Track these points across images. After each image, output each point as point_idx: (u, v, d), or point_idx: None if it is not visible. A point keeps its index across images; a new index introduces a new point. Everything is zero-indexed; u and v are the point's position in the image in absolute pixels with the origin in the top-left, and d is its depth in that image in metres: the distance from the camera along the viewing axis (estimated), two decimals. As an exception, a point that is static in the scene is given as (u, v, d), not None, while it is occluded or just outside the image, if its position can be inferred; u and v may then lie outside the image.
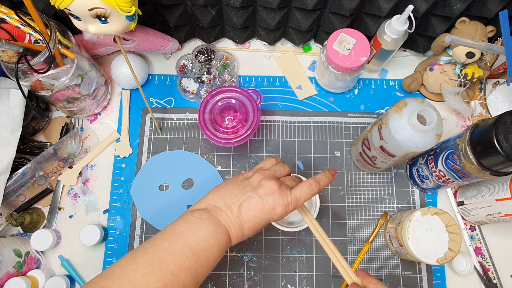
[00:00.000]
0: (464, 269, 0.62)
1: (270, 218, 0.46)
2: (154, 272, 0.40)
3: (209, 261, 0.43)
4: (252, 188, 0.47)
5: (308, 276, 0.65)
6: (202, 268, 0.43)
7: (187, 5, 0.66)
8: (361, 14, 0.67)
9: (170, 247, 0.42)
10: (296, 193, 0.47)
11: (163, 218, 0.67)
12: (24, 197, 0.66)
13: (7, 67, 0.55)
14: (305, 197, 0.47)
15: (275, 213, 0.46)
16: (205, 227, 0.44)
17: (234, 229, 0.46)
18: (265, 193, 0.46)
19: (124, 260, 0.41)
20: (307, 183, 0.48)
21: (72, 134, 0.68)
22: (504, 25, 0.57)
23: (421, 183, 0.66)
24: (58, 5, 0.48)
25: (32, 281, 0.60)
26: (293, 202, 0.46)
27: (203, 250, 0.43)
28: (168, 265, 0.40)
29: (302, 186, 0.48)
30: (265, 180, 0.47)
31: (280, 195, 0.46)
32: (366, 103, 0.74)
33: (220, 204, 0.47)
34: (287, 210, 0.46)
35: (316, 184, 0.48)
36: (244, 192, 0.47)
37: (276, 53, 0.78)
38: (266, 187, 0.46)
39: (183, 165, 0.70)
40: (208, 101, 0.64)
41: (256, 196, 0.46)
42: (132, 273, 0.39)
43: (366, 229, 0.67)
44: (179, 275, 0.41)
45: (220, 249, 0.44)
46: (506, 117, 0.47)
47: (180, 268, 0.41)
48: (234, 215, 0.46)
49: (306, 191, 0.47)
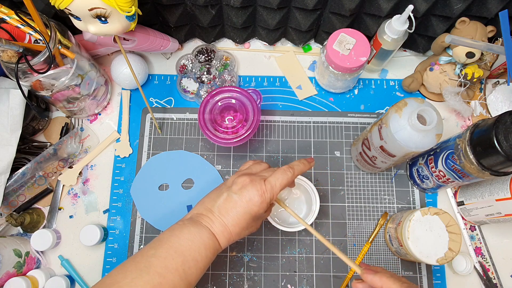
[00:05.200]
0: (464, 269, 0.62)
1: (251, 210, 0.47)
2: (142, 276, 0.41)
3: (197, 261, 0.45)
4: (227, 188, 0.49)
5: (308, 276, 0.65)
6: (191, 268, 0.44)
7: (187, 5, 0.66)
8: (361, 14, 0.67)
9: (156, 253, 0.44)
10: (271, 181, 0.48)
11: (163, 218, 0.67)
12: (24, 197, 0.66)
13: (7, 67, 0.55)
14: (280, 183, 0.48)
15: (254, 204, 0.47)
16: (187, 229, 0.46)
17: (218, 228, 0.47)
18: (238, 188, 0.48)
19: (114, 271, 0.44)
20: (281, 169, 0.49)
21: (72, 134, 0.68)
22: (504, 25, 0.57)
23: (421, 183, 0.66)
24: (58, 5, 0.48)
25: (32, 281, 0.60)
26: (269, 190, 0.47)
27: (188, 250, 0.44)
28: (155, 268, 0.42)
29: (275, 173, 0.49)
30: (238, 177, 0.49)
31: (252, 186, 0.47)
32: (366, 103, 0.74)
33: (201, 210, 0.49)
34: (264, 198, 0.47)
35: (290, 169, 0.49)
36: (221, 194, 0.49)
37: (276, 53, 0.78)
38: (238, 183, 0.48)
39: (183, 165, 0.70)
40: (208, 101, 0.64)
41: (232, 194, 0.48)
42: (122, 280, 0.41)
43: (366, 229, 0.67)
44: (167, 276, 0.42)
45: (206, 248, 0.46)
46: (506, 117, 0.47)
47: (167, 269, 0.43)
48: (215, 215, 0.48)
49: (280, 177, 0.48)
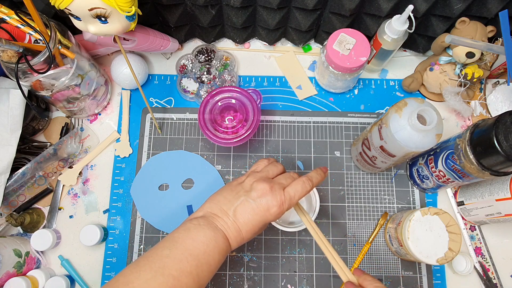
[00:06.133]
0: (464, 269, 0.62)
1: (266, 219, 0.47)
2: (156, 278, 0.41)
3: (210, 265, 0.44)
4: (245, 192, 0.48)
5: (308, 276, 0.65)
6: (204, 272, 0.44)
7: (187, 5, 0.66)
8: (361, 14, 0.67)
9: (171, 254, 0.43)
10: (290, 192, 0.47)
11: (163, 218, 0.67)
12: (24, 197, 0.66)
13: (7, 67, 0.55)
14: (299, 195, 0.48)
15: (270, 214, 0.46)
16: (203, 233, 0.45)
17: (232, 233, 0.46)
18: (257, 195, 0.47)
19: (128, 269, 0.43)
20: (300, 181, 0.49)
21: (72, 134, 0.68)
22: (504, 25, 0.57)
23: (421, 183, 0.66)
24: (58, 5, 0.48)
25: (32, 281, 0.60)
26: (287, 201, 0.47)
27: (203, 255, 0.44)
28: (170, 270, 0.42)
29: (295, 185, 0.48)
30: (257, 182, 0.48)
31: (272, 196, 0.46)
32: (366, 103, 0.74)
33: (216, 210, 0.48)
34: (282, 209, 0.47)
35: (309, 181, 0.49)
36: (238, 197, 0.48)
37: (276, 53, 0.78)
38: (258, 189, 0.47)
39: (183, 165, 0.70)
40: (208, 101, 0.64)
41: (249, 200, 0.47)
42: (136, 280, 0.41)
43: (366, 229, 0.67)
44: (181, 279, 0.42)
45: (220, 253, 0.45)
46: (506, 117, 0.47)
47: (182, 272, 0.42)
48: (231, 220, 0.47)
49: (300, 189, 0.48)
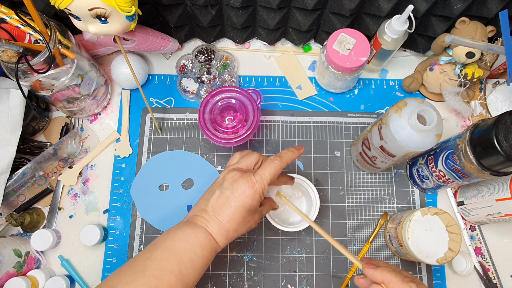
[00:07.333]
0: (464, 269, 0.62)
1: (244, 203, 0.47)
2: (137, 279, 0.42)
3: (194, 261, 0.45)
4: (219, 186, 0.49)
5: (308, 276, 0.65)
6: (188, 269, 0.44)
7: (187, 5, 0.66)
8: (361, 14, 0.67)
9: (151, 256, 0.44)
10: (259, 172, 0.48)
11: (163, 218, 0.67)
12: (24, 197, 0.66)
13: (7, 67, 0.55)
14: (269, 172, 0.48)
15: (246, 196, 0.47)
16: (182, 231, 0.46)
17: (214, 227, 0.47)
18: (229, 183, 0.48)
19: (111, 276, 0.44)
20: (269, 160, 0.50)
21: (72, 134, 0.68)
22: (504, 25, 0.57)
23: (421, 183, 0.66)
24: (58, 5, 0.48)
25: (32, 281, 0.60)
26: (258, 180, 0.48)
27: (184, 251, 0.44)
28: (151, 271, 0.42)
29: (264, 164, 0.49)
30: (228, 173, 0.50)
31: (242, 179, 0.48)
32: (366, 103, 0.74)
33: (196, 211, 0.49)
34: (255, 189, 0.47)
35: (277, 158, 0.50)
36: (213, 192, 0.49)
37: (276, 53, 0.78)
38: (229, 178, 0.49)
39: (183, 165, 0.70)
40: (208, 101, 0.64)
41: (223, 190, 0.48)
42: (117, 285, 0.41)
43: (366, 229, 0.67)
44: (163, 277, 0.42)
45: (202, 248, 0.46)
46: (506, 117, 0.47)
47: (163, 271, 0.43)
48: (210, 215, 0.48)
49: (268, 167, 0.49)
